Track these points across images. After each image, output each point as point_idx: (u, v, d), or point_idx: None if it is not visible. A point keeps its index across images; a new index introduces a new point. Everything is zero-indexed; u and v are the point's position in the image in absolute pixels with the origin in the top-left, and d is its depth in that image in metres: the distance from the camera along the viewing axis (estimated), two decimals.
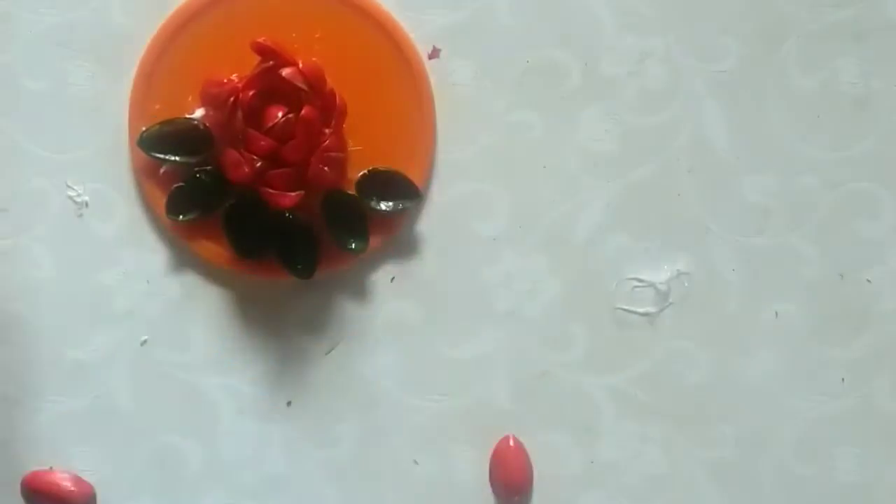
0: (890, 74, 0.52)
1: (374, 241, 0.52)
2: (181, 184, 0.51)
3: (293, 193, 0.50)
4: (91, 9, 0.52)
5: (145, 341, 0.52)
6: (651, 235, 0.52)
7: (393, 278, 0.52)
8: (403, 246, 0.52)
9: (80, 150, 0.52)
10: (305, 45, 0.51)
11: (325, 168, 0.50)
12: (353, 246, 0.51)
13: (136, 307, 0.52)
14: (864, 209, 0.52)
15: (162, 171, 0.51)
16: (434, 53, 0.52)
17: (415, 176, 0.51)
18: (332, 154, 0.50)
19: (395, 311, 0.52)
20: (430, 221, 0.52)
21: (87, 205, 0.52)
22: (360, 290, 0.52)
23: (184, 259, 0.52)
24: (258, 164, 0.50)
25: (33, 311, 0.52)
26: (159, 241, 0.52)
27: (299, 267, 0.51)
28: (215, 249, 0.51)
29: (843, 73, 0.52)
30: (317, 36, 0.51)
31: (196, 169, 0.51)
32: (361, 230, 0.51)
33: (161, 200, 0.51)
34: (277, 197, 0.50)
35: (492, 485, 0.52)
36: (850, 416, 0.52)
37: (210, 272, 0.52)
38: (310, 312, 0.52)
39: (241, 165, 0.50)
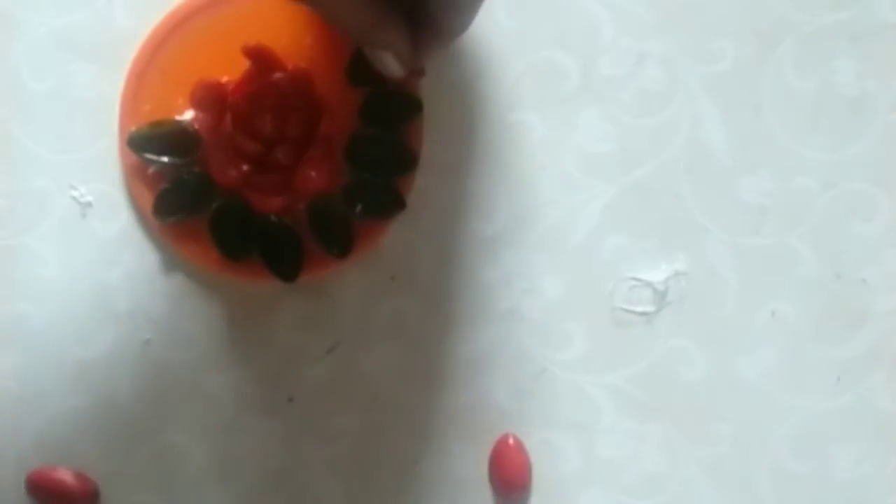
0: (885, 76, 0.52)
1: (374, 241, 0.52)
2: (168, 185, 0.51)
3: (279, 198, 0.50)
4: (94, 11, 0.52)
5: (148, 340, 0.52)
6: (649, 235, 0.52)
7: (393, 277, 0.52)
8: (404, 245, 0.52)
9: (84, 151, 0.52)
10: (296, 51, 0.51)
11: (312, 173, 0.50)
12: (336, 251, 0.51)
13: (138, 306, 0.52)
14: (859, 209, 0.52)
15: (150, 171, 0.51)
16: (419, 71, 0.52)
17: (402, 183, 0.52)
18: (320, 160, 0.50)
19: (395, 309, 0.52)
20: (430, 221, 0.52)
21: (90, 205, 0.52)
22: (360, 289, 0.52)
23: (186, 259, 0.52)
24: (245, 168, 0.50)
25: (37, 311, 0.52)
26: (162, 241, 0.52)
27: (284, 270, 0.51)
28: (202, 252, 0.51)
29: (840, 74, 0.52)
30: (307, 42, 0.51)
31: (184, 171, 0.51)
32: (344, 236, 0.51)
33: (149, 201, 0.51)
34: (263, 200, 0.50)
35: (491, 483, 0.53)
36: (845, 414, 0.52)
37: (212, 271, 0.52)
38: (311, 310, 0.52)
39: (228, 168, 0.50)
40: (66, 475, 0.52)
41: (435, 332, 0.53)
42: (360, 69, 0.50)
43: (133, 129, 0.51)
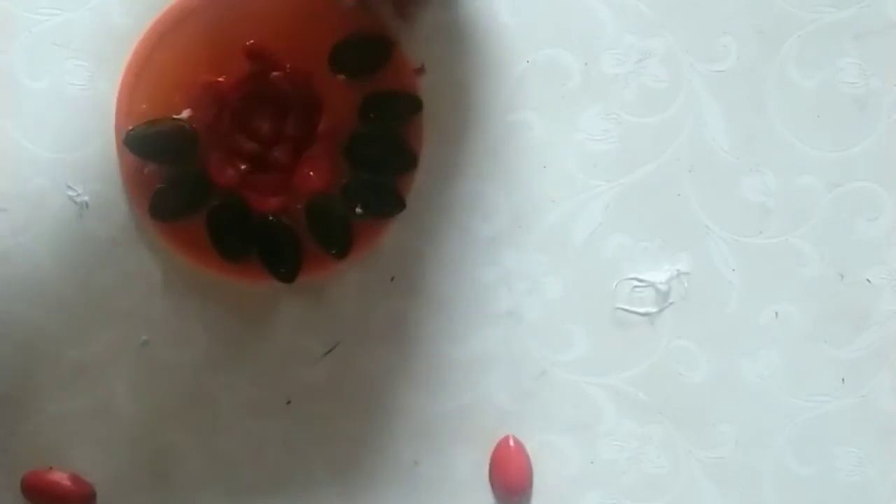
0: (889, 74, 0.52)
1: (373, 241, 0.52)
2: (165, 185, 0.51)
3: (277, 197, 0.50)
4: (90, 9, 0.52)
5: (145, 341, 0.52)
6: (651, 235, 0.52)
7: (393, 278, 0.52)
8: (403, 245, 0.52)
9: (80, 151, 0.52)
10: (294, 50, 0.51)
11: (311, 173, 0.50)
12: (335, 251, 0.51)
13: (135, 307, 0.52)
14: (863, 209, 0.52)
15: (147, 170, 0.51)
16: (419, 71, 0.52)
17: (402, 183, 0.51)
18: (318, 159, 0.50)
19: (394, 310, 0.52)
20: (430, 221, 0.52)
21: (87, 205, 0.52)
22: (359, 290, 0.52)
23: (183, 259, 0.52)
24: (243, 168, 0.50)
25: (33, 312, 0.52)
26: (159, 242, 0.52)
27: (282, 270, 0.51)
28: (199, 252, 0.51)
29: (843, 72, 0.52)
30: (305, 41, 0.51)
31: (181, 170, 0.51)
32: (343, 236, 0.51)
33: (146, 201, 0.51)
34: (261, 200, 0.50)
35: (491, 485, 0.52)
36: (849, 415, 0.52)
37: (209, 272, 0.52)
38: (309, 312, 0.52)
39: (226, 168, 0.50)
40: (62, 478, 0.52)
41: (434, 333, 0.52)
42: (341, 56, 0.50)
43: (130, 128, 0.51)
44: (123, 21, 0.52)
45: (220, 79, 0.50)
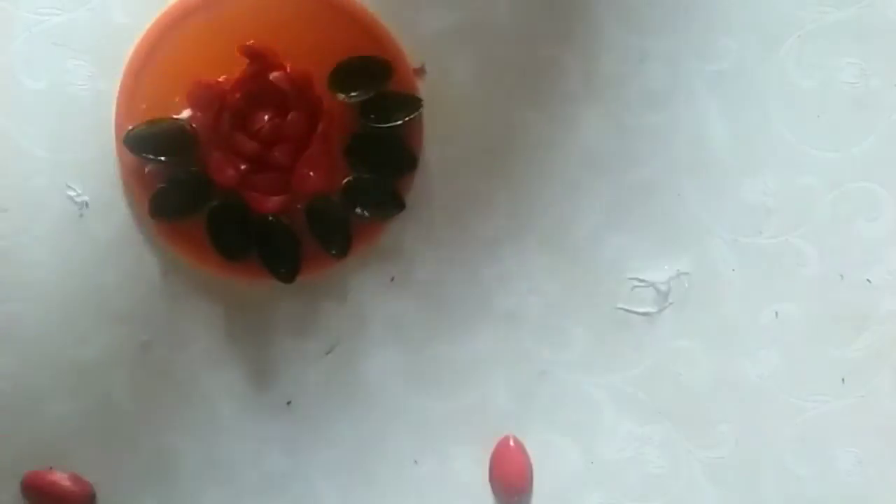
0: (889, 74, 0.52)
1: (372, 242, 0.52)
2: (165, 185, 0.51)
3: (277, 197, 0.50)
4: (91, 8, 0.52)
5: (145, 341, 0.52)
6: (651, 235, 0.52)
7: (393, 278, 0.52)
8: (403, 246, 0.52)
9: (80, 151, 0.52)
10: (294, 50, 0.51)
11: (311, 173, 0.50)
12: (335, 251, 0.51)
13: (135, 307, 0.52)
14: (863, 209, 0.52)
15: (147, 170, 0.51)
16: (419, 71, 0.52)
17: (402, 183, 0.51)
18: (318, 159, 0.50)
19: (394, 310, 0.52)
20: (430, 221, 0.52)
21: (87, 205, 0.52)
22: (359, 290, 0.52)
23: (184, 259, 0.52)
24: (243, 168, 0.50)
25: (33, 312, 0.52)
26: (159, 242, 0.52)
27: (282, 270, 0.51)
28: (199, 252, 0.51)
29: (843, 72, 0.52)
30: (306, 40, 0.51)
31: (181, 170, 0.51)
32: (343, 236, 0.51)
33: (146, 201, 0.51)
34: (261, 200, 0.50)
35: (491, 485, 0.52)
36: (849, 416, 0.52)
37: (209, 272, 0.52)
38: (309, 312, 0.52)
39: (226, 168, 0.50)
40: (62, 478, 0.52)
41: (434, 333, 0.52)
42: (342, 76, 0.50)
43: (130, 127, 0.51)
44: (124, 21, 0.52)
45: (220, 79, 0.50)
